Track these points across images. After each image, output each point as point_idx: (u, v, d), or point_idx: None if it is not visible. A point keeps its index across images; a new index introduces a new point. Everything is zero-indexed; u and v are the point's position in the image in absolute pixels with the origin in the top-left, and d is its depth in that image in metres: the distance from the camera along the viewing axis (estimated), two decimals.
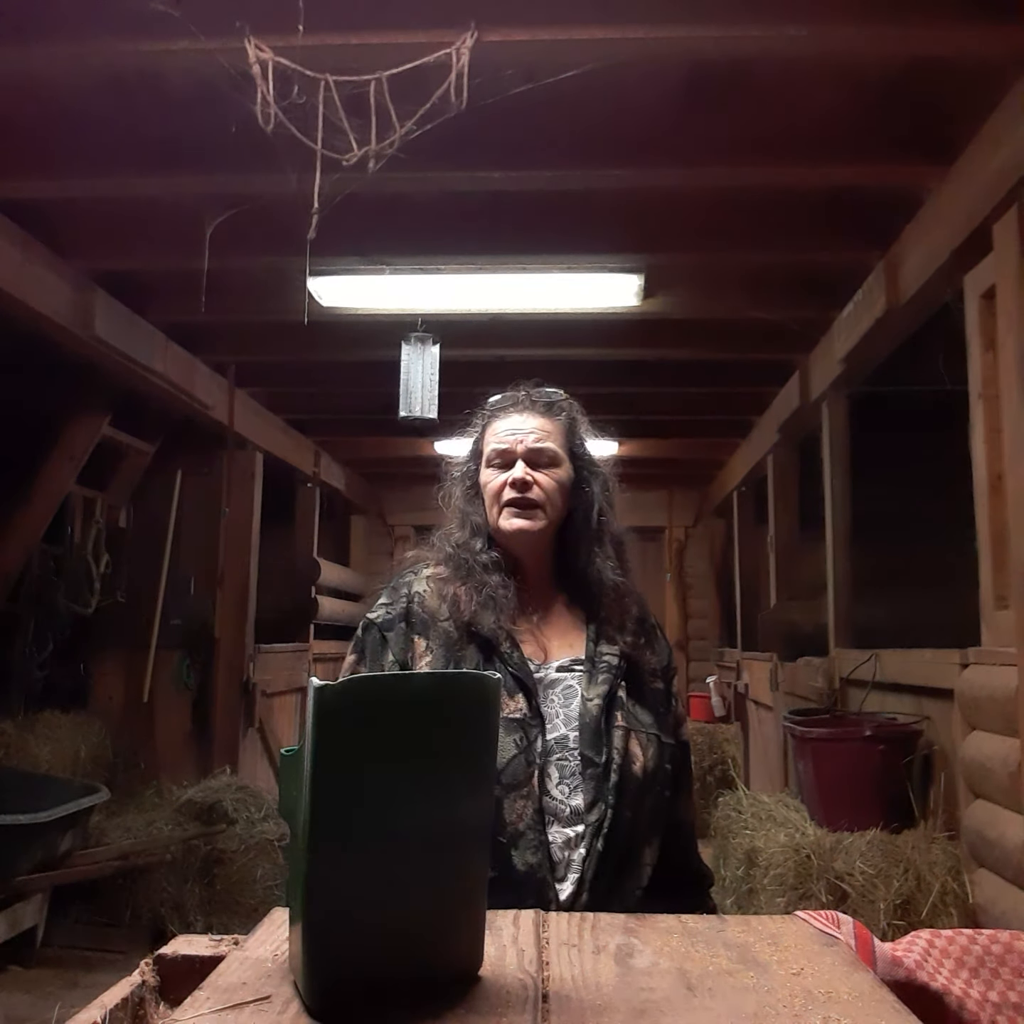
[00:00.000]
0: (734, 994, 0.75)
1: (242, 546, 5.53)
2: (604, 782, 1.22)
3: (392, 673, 1.27)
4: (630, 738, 1.27)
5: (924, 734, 3.02)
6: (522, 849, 1.18)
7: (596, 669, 1.31)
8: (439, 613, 1.33)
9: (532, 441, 1.36)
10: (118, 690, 5.37)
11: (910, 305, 3.24)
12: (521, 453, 1.35)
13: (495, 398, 1.45)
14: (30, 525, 4.54)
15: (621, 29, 2.25)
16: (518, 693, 1.26)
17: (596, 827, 1.20)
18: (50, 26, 2.27)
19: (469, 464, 1.44)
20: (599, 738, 1.25)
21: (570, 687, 1.30)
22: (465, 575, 1.33)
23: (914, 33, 2.26)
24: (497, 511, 1.36)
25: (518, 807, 1.19)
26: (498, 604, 1.29)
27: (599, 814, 1.21)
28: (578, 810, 1.22)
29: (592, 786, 1.22)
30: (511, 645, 1.29)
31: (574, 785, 1.23)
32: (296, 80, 2.14)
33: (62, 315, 3.57)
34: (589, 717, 1.26)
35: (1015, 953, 0.89)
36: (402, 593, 1.37)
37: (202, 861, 4.19)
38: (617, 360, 4.92)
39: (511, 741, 1.21)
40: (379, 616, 1.35)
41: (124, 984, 0.80)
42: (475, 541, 1.36)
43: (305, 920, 0.71)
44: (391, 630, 1.33)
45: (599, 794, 1.22)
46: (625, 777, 1.24)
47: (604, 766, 1.23)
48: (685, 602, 8.16)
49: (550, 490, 1.35)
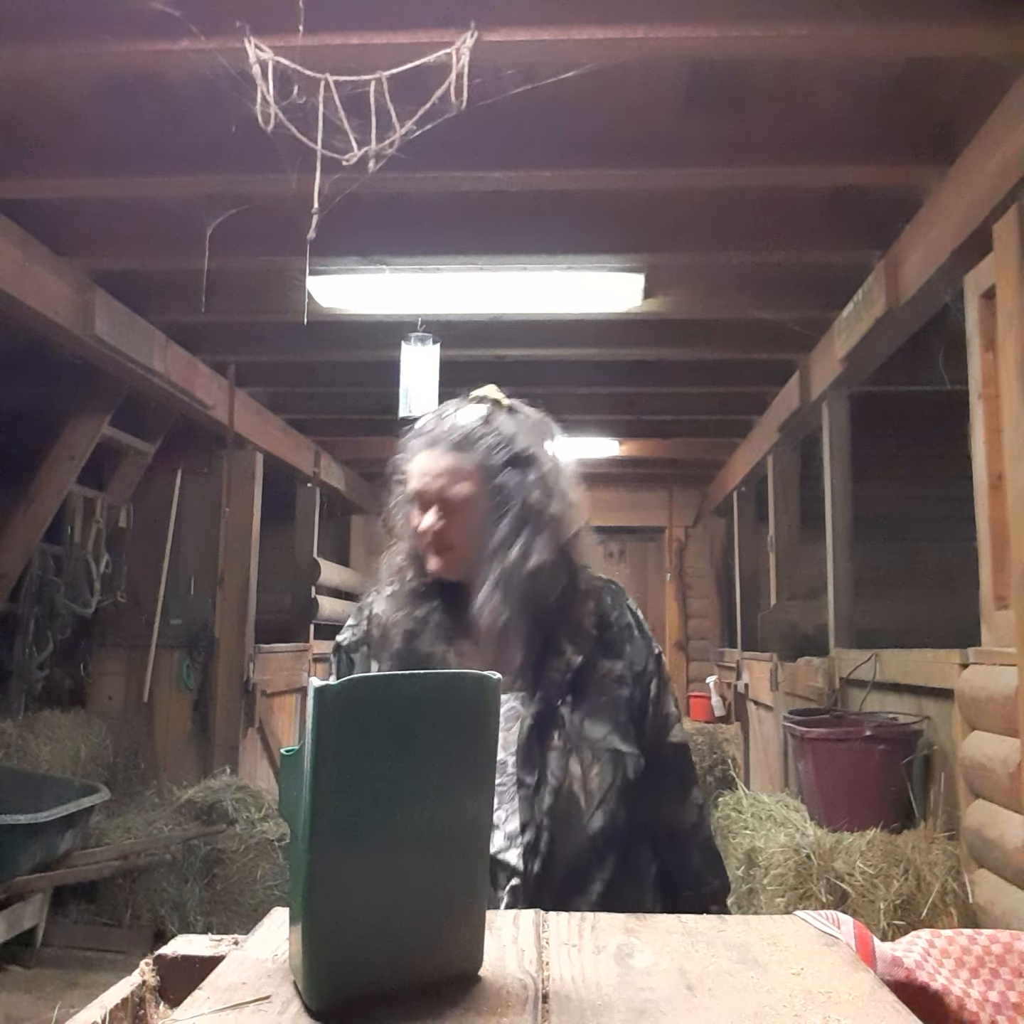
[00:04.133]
0: (734, 994, 0.75)
1: (242, 546, 5.53)
2: (537, 804, 1.21)
3: (392, 673, 1.27)
4: (570, 757, 1.24)
5: (924, 734, 3.02)
6: None
7: (538, 686, 1.28)
8: (391, 634, 1.35)
9: (439, 486, 1.32)
10: (118, 690, 5.37)
11: (910, 305, 3.24)
12: (434, 499, 1.32)
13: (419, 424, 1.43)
14: (30, 525, 4.54)
15: (621, 29, 2.25)
16: None
17: (530, 849, 1.19)
18: (50, 26, 2.27)
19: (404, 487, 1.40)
20: (531, 759, 1.24)
21: (512, 708, 1.27)
22: (403, 601, 1.36)
23: (914, 33, 2.26)
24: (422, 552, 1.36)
25: None
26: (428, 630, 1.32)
27: (531, 836, 1.20)
28: (512, 834, 1.21)
29: (525, 808, 1.21)
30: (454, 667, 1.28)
31: (511, 811, 1.22)
32: (296, 80, 2.14)
33: (62, 315, 3.57)
34: (523, 738, 1.25)
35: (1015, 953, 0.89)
36: (364, 615, 1.41)
37: (202, 861, 4.19)
38: (617, 360, 4.92)
39: None
40: (345, 639, 1.41)
41: (124, 984, 0.80)
42: (408, 569, 1.38)
43: (305, 920, 0.71)
44: (356, 652, 1.38)
45: (530, 816, 1.21)
46: (561, 799, 1.22)
47: (536, 787, 1.22)
48: (685, 602, 8.16)
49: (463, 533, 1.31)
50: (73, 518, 4.93)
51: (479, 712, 0.78)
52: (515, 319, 4.21)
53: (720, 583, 7.89)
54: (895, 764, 2.96)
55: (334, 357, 4.91)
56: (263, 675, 5.58)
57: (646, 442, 6.61)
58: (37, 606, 4.72)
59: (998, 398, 2.52)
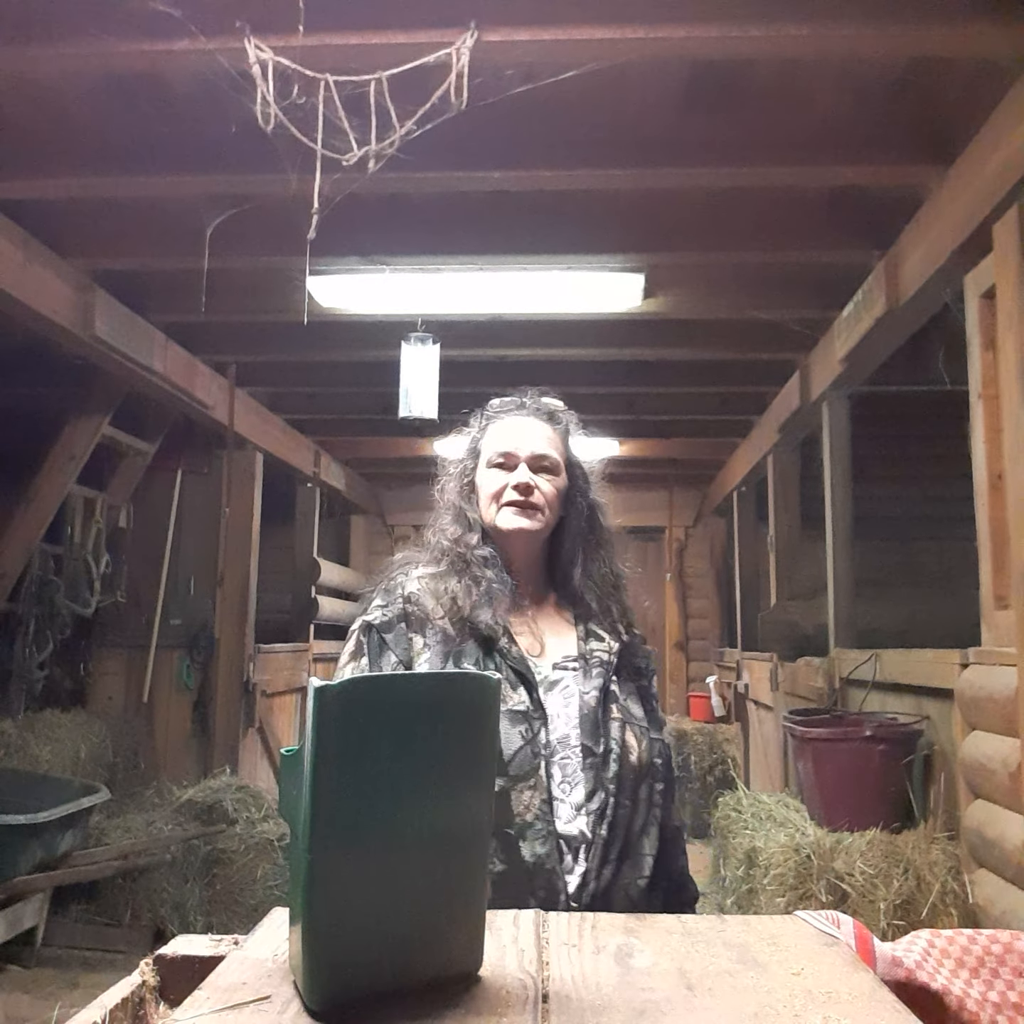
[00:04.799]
0: (734, 994, 0.75)
1: (242, 546, 5.53)
2: (603, 771, 1.24)
3: (392, 673, 1.27)
4: (626, 729, 1.29)
5: (924, 734, 3.02)
6: (530, 840, 1.19)
7: (589, 664, 1.33)
8: (434, 611, 1.33)
9: (536, 447, 1.39)
10: (118, 690, 5.37)
11: (910, 305, 3.24)
12: (525, 458, 1.38)
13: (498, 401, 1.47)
14: (30, 525, 4.54)
15: (621, 29, 2.25)
16: (520, 686, 1.27)
17: (598, 815, 1.22)
18: (51, 27, 2.27)
19: (466, 462, 1.45)
20: (597, 729, 1.27)
21: (567, 686, 1.32)
22: (461, 569, 1.35)
23: (914, 33, 2.26)
24: (496, 509, 1.38)
25: (525, 798, 1.20)
26: (494, 598, 1.31)
27: (600, 802, 1.22)
28: (578, 804, 1.23)
29: (592, 775, 1.24)
30: (508, 640, 1.31)
31: (575, 782, 1.24)
32: (296, 80, 2.14)
33: (62, 315, 3.57)
34: (588, 709, 1.28)
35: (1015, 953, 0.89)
36: (397, 594, 1.37)
37: (202, 861, 4.19)
38: (617, 360, 4.92)
39: (516, 732, 1.23)
40: (376, 618, 1.35)
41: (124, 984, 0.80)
42: (471, 536, 1.38)
43: (305, 920, 0.71)
44: (390, 631, 1.33)
45: (598, 783, 1.23)
46: (624, 766, 1.26)
47: (603, 755, 1.25)
48: (685, 602, 8.16)
49: (549, 495, 1.38)
50: (73, 518, 4.93)
51: (479, 712, 0.78)
52: (515, 319, 4.21)
53: (720, 583, 7.89)
54: (895, 764, 2.96)
55: (334, 357, 4.91)
56: (263, 675, 5.58)
57: (646, 442, 6.61)
58: (37, 606, 4.72)
59: (998, 398, 2.52)
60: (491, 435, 1.43)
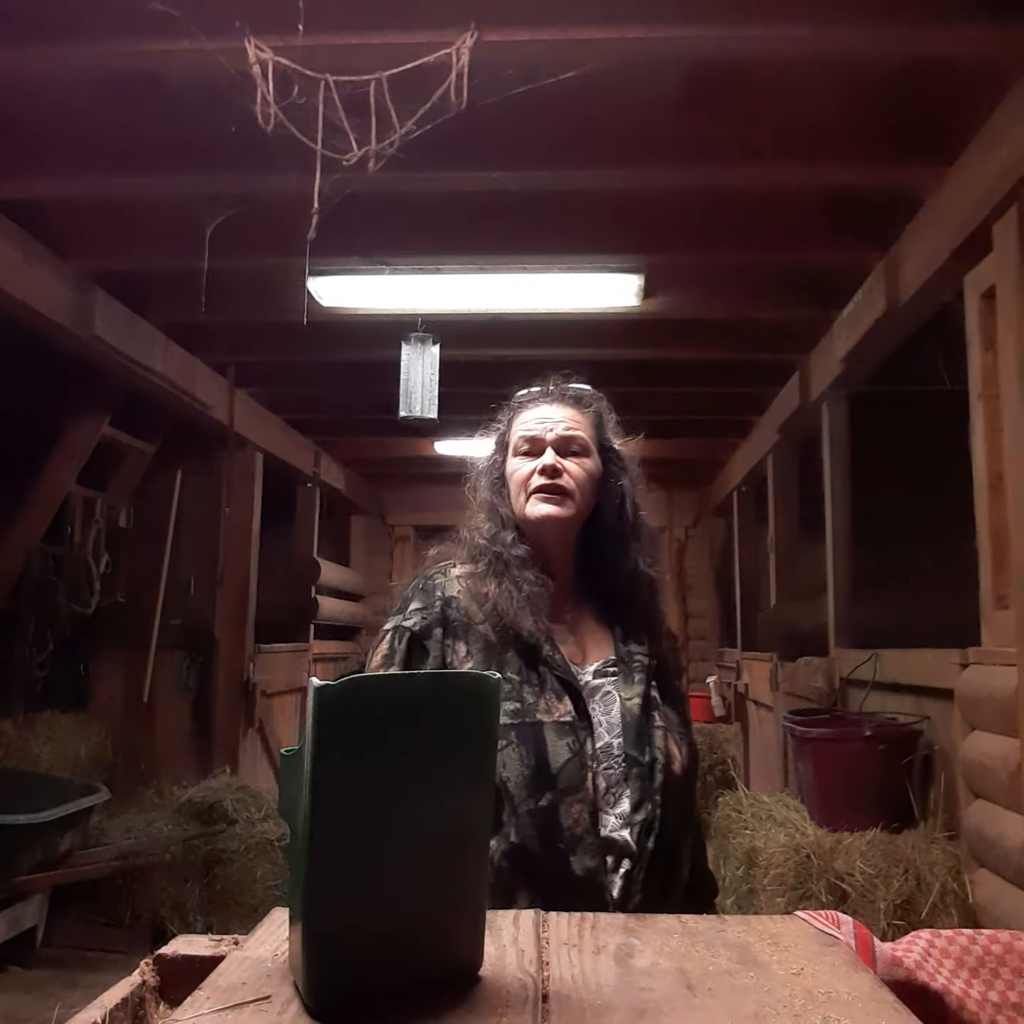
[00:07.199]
0: (734, 994, 0.75)
1: (242, 546, 5.53)
2: (650, 782, 1.21)
3: (392, 673, 1.27)
4: (668, 738, 1.26)
5: (924, 734, 3.02)
6: (580, 854, 1.16)
7: (630, 669, 1.29)
8: (476, 616, 1.29)
9: (562, 429, 1.33)
10: (118, 690, 5.37)
11: (910, 305, 3.24)
12: (551, 441, 1.32)
13: (524, 391, 1.43)
14: (30, 525, 4.54)
15: (621, 29, 2.25)
16: (565, 696, 1.23)
17: (645, 827, 1.18)
18: (50, 26, 2.26)
19: (495, 456, 1.40)
20: (642, 738, 1.23)
21: (608, 693, 1.28)
22: (501, 571, 1.29)
23: (914, 33, 2.26)
24: (524, 498, 1.32)
25: (574, 811, 1.17)
26: (535, 604, 1.26)
27: (647, 813, 1.19)
28: (623, 815, 1.19)
29: (638, 786, 1.20)
30: (552, 647, 1.26)
31: (619, 793, 1.21)
32: (296, 80, 2.14)
33: (62, 315, 3.56)
34: (631, 717, 1.24)
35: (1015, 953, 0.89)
36: (436, 596, 1.32)
37: (202, 861, 4.19)
38: (617, 360, 4.91)
39: (564, 744, 1.19)
40: (415, 623, 1.30)
41: (124, 984, 0.80)
42: (506, 533, 1.32)
43: (305, 920, 0.71)
44: (429, 638, 1.29)
45: (645, 794, 1.20)
46: (669, 777, 1.23)
47: (649, 766, 1.22)
48: (685, 602, 8.16)
49: (580, 479, 1.32)
50: (73, 518, 4.93)
51: (479, 712, 0.78)
52: (515, 319, 4.21)
53: (720, 583, 7.88)
54: (895, 764, 2.96)
55: (334, 357, 4.90)
56: (263, 675, 5.57)
57: (646, 442, 6.59)
58: (37, 606, 4.71)
59: (998, 398, 2.52)
60: (517, 423, 1.38)
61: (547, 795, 1.16)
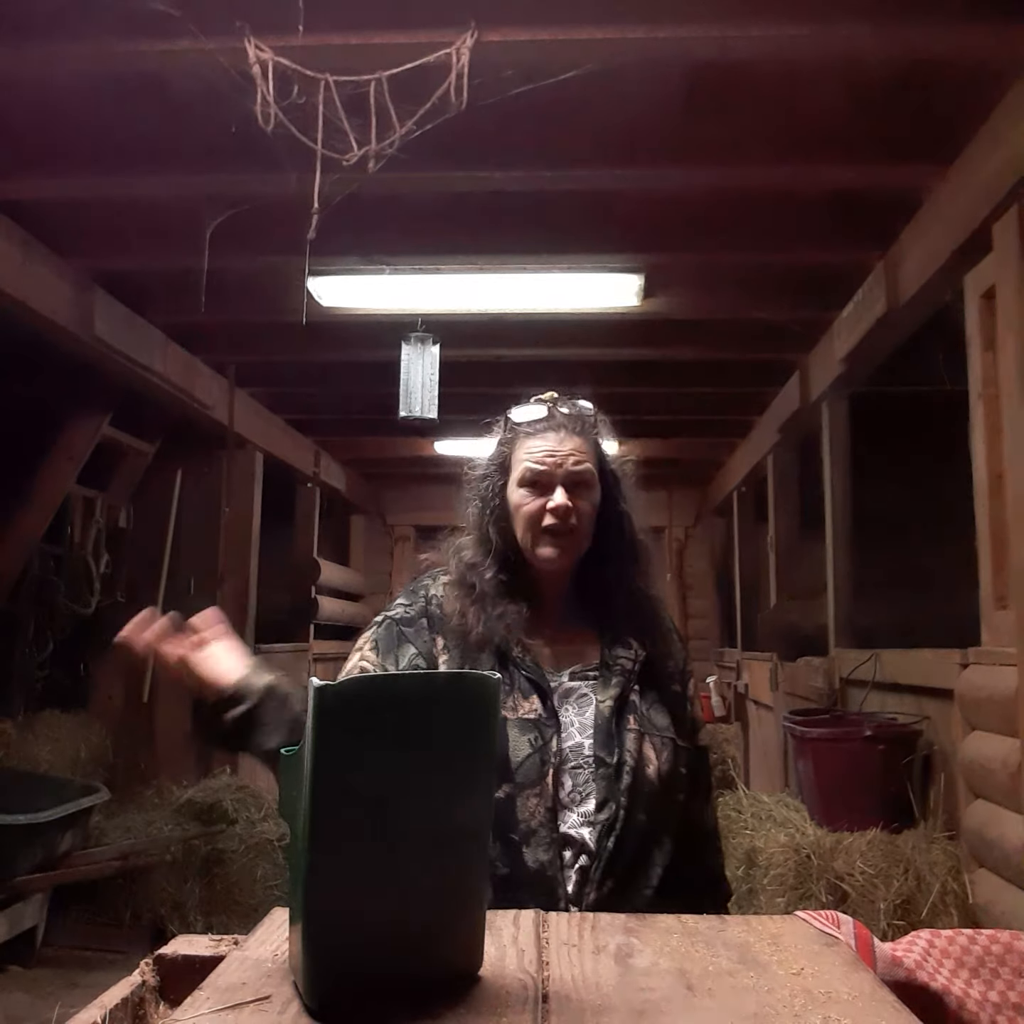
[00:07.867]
0: (734, 994, 0.75)
1: (242, 546, 5.52)
2: (616, 783, 1.22)
3: (392, 673, 1.27)
4: (643, 741, 1.26)
5: (924, 734, 3.02)
6: (534, 846, 1.18)
7: (610, 672, 1.30)
8: (455, 617, 1.32)
9: (571, 464, 1.31)
10: (118, 690, 5.36)
11: (910, 305, 3.24)
12: (561, 478, 1.30)
13: (525, 410, 1.38)
14: (30, 525, 4.54)
15: (621, 29, 2.25)
16: (532, 695, 1.26)
17: (607, 827, 1.20)
18: (50, 26, 2.26)
19: (495, 479, 1.37)
20: (611, 740, 1.24)
21: (584, 695, 1.29)
22: (476, 597, 1.31)
23: (914, 33, 2.26)
24: (532, 537, 1.31)
25: (531, 805, 1.19)
26: (506, 623, 1.28)
27: (609, 814, 1.20)
28: (587, 814, 1.21)
29: (604, 786, 1.22)
30: (522, 651, 1.29)
31: (586, 792, 1.22)
32: (296, 80, 2.14)
33: (62, 315, 3.56)
34: (602, 719, 1.26)
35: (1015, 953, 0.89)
36: (420, 595, 1.37)
37: (202, 861, 4.19)
38: (617, 360, 4.91)
39: (525, 740, 1.22)
40: (398, 613, 1.36)
41: (124, 984, 0.80)
42: (486, 565, 1.32)
43: (305, 920, 0.71)
44: (411, 626, 1.33)
45: (610, 794, 1.21)
46: (638, 779, 1.23)
47: (616, 767, 1.23)
48: (685, 602, 8.16)
49: (587, 515, 1.32)
50: (73, 518, 4.92)
51: (479, 712, 0.78)
52: (515, 319, 4.21)
53: (720, 583, 7.88)
54: (895, 764, 2.96)
55: (334, 357, 4.90)
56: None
57: (646, 442, 6.61)
58: (37, 606, 4.71)
59: (998, 398, 2.52)
60: (522, 451, 1.34)
61: (504, 787, 1.19)
